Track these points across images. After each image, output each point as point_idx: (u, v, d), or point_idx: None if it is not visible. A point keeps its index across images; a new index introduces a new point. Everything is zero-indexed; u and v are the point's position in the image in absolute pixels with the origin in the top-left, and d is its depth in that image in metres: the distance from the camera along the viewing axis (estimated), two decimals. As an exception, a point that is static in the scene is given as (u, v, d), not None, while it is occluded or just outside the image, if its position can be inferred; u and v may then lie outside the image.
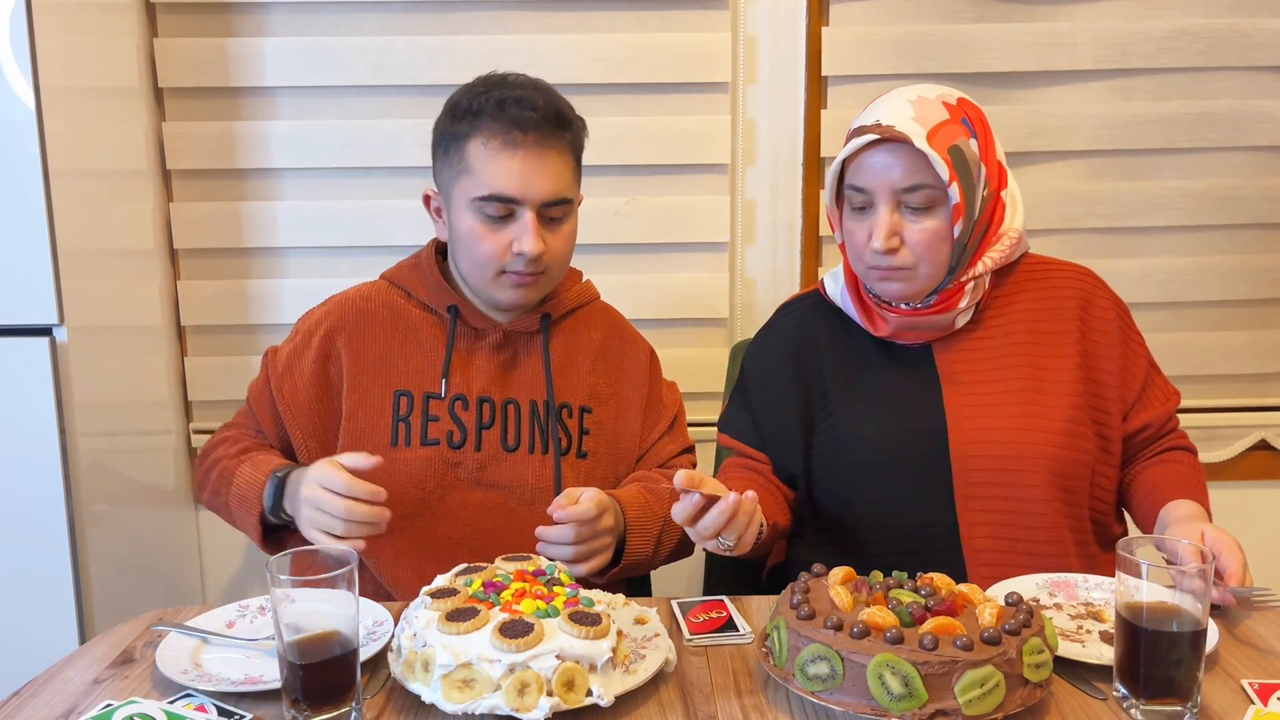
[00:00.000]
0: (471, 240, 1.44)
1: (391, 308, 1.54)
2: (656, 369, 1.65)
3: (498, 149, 1.41)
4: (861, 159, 1.39)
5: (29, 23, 1.61)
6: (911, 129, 1.36)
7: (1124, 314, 1.50)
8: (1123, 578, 1.03)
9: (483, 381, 1.51)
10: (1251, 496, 2.25)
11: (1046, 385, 1.42)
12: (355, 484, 1.29)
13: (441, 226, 1.52)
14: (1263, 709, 1.04)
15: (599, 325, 1.61)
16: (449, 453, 1.48)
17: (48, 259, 1.67)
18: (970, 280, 1.43)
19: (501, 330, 1.52)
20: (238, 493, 1.44)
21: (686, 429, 1.66)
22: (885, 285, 1.43)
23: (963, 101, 1.43)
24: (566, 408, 1.53)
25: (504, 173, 1.40)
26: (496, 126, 1.41)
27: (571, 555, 1.34)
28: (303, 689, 1.00)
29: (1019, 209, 1.47)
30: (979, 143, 1.40)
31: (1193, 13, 2.09)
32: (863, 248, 1.41)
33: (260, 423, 1.55)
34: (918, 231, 1.38)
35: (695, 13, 2.08)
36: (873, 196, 1.39)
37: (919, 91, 1.42)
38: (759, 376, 1.56)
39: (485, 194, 1.41)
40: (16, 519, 1.72)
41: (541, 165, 1.42)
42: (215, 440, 1.57)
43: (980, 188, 1.40)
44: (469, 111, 1.43)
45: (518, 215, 1.42)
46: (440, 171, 1.48)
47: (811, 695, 1.02)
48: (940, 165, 1.35)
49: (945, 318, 1.44)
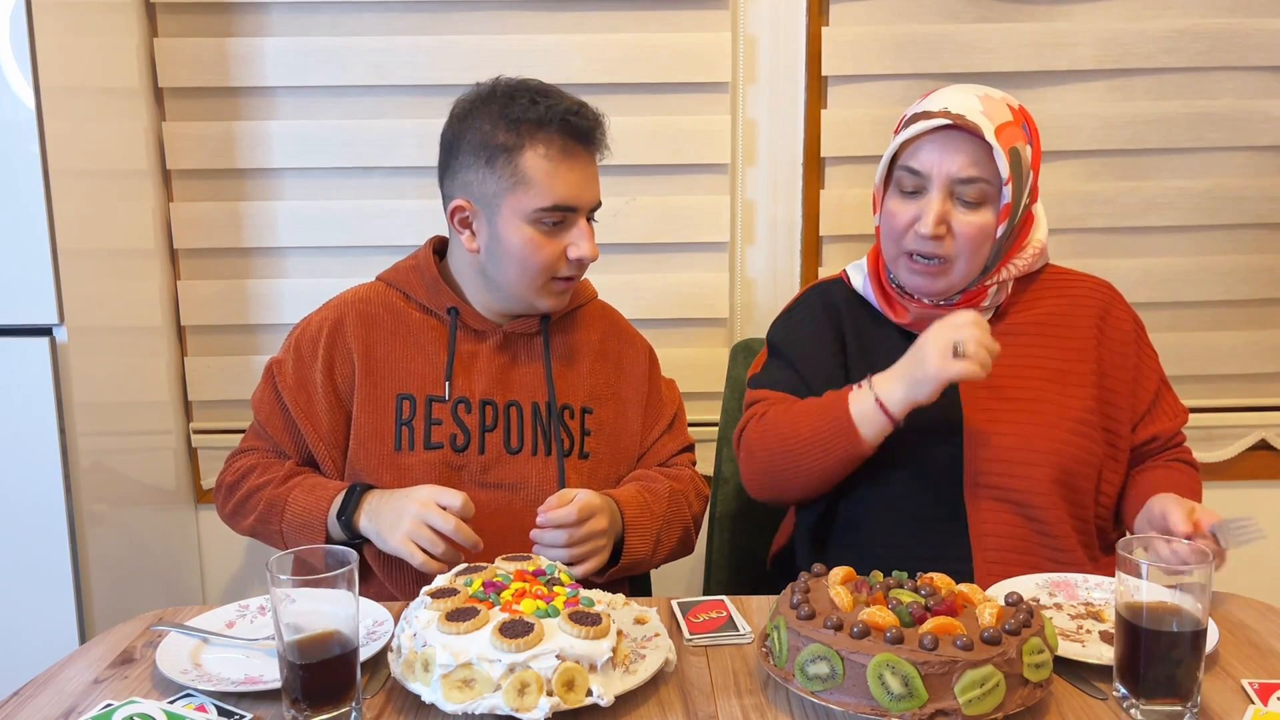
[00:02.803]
0: (528, 250, 1.45)
1: (391, 310, 1.53)
2: (656, 368, 1.65)
3: (559, 160, 1.43)
4: (921, 142, 1.40)
5: (29, 23, 1.61)
6: (982, 121, 1.37)
7: (1140, 329, 1.52)
8: (1123, 578, 1.03)
9: (485, 384, 1.51)
10: (1251, 496, 2.25)
11: (1061, 385, 1.44)
12: (469, 506, 1.35)
13: (470, 237, 1.49)
14: (1263, 709, 1.04)
15: (597, 325, 1.61)
16: (452, 455, 1.48)
17: (48, 259, 1.67)
18: (994, 284, 1.44)
19: (501, 332, 1.53)
20: (295, 520, 1.44)
21: (686, 427, 1.67)
22: (915, 279, 1.43)
23: (1023, 109, 1.45)
24: (568, 409, 1.54)
25: (565, 183, 1.43)
26: (556, 139, 1.43)
27: (566, 557, 1.36)
28: (303, 689, 1.00)
29: (1043, 223, 1.49)
30: (1033, 150, 1.42)
31: (1193, 13, 2.09)
32: (903, 230, 1.41)
33: (278, 443, 1.53)
34: (966, 224, 1.39)
35: (695, 13, 2.08)
36: (927, 181, 1.39)
37: (984, 90, 1.43)
38: (795, 339, 1.55)
39: (550, 204, 1.43)
40: (16, 519, 1.72)
41: (592, 172, 1.48)
42: (239, 469, 1.54)
43: (1025, 194, 1.42)
44: (519, 121, 1.42)
45: (571, 222, 1.46)
46: (475, 183, 1.45)
47: (811, 695, 1.03)
48: (1003, 162, 1.36)
49: None
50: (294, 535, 1.45)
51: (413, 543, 1.34)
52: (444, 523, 1.33)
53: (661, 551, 1.50)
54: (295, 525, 1.44)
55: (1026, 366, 1.44)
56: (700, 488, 1.60)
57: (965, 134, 1.37)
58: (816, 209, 2.15)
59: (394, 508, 1.37)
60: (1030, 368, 1.44)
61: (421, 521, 1.34)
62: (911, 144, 1.41)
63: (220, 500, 1.57)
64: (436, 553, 1.34)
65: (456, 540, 1.34)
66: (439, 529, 1.33)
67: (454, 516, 1.34)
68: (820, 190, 2.15)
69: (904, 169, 1.41)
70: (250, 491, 1.50)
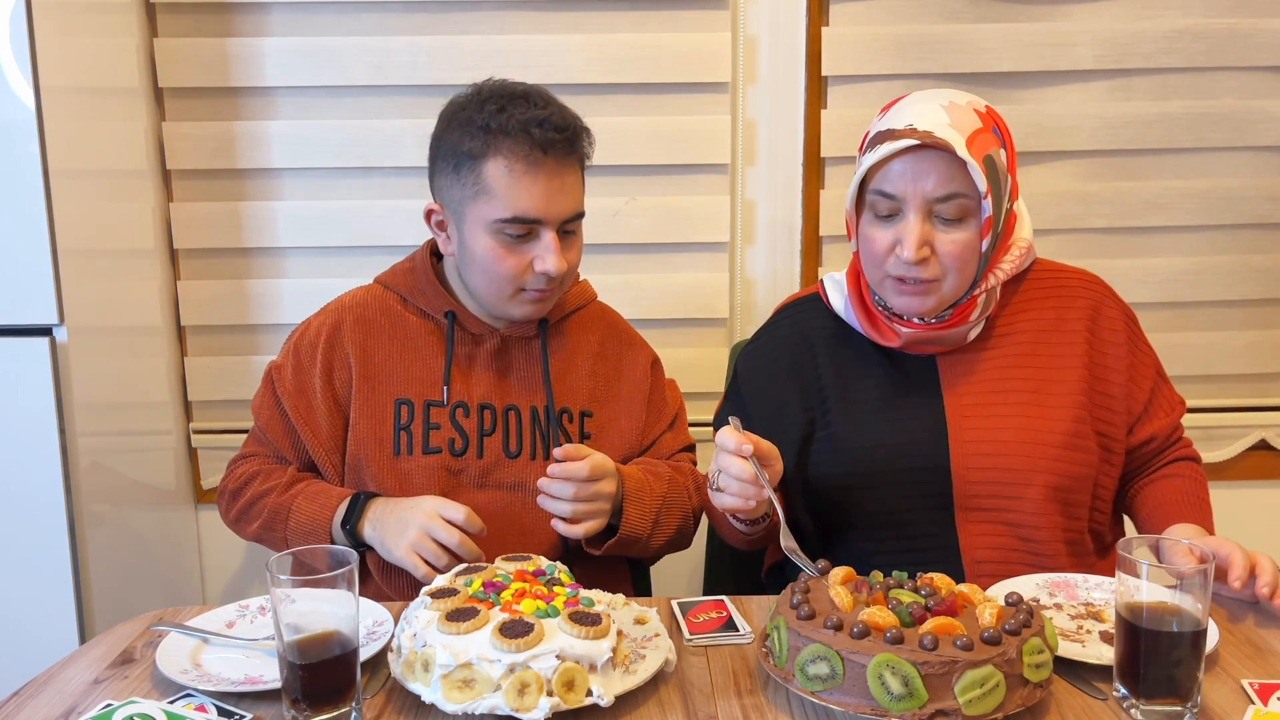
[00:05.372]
0: (489, 261, 1.42)
1: (389, 313, 1.53)
2: (659, 369, 1.65)
3: (521, 172, 1.38)
4: (891, 164, 1.32)
5: (29, 23, 1.61)
6: (951, 136, 1.29)
7: (1133, 324, 1.48)
8: (1123, 578, 1.03)
9: (483, 388, 1.50)
10: (1251, 496, 2.25)
11: (1050, 397, 1.40)
12: (473, 520, 1.34)
13: (445, 240, 1.49)
14: (1263, 709, 1.04)
15: (596, 327, 1.61)
16: (451, 460, 1.48)
17: (48, 259, 1.67)
18: (982, 293, 1.40)
19: (499, 336, 1.52)
20: (299, 528, 1.44)
21: (688, 427, 1.67)
22: (903, 300, 1.38)
23: (990, 110, 1.38)
24: (566, 413, 1.53)
25: (528, 195, 1.38)
26: (519, 148, 1.37)
27: (568, 511, 1.36)
28: (303, 689, 1.00)
29: (1027, 219, 1.44)
30: (1006, 154, 1.36)
31: (1193, 13, 2.09)
32: (883, 256, 1.35)
33: (279, 448, 1.53)
34: (949, 243, 1.32)
35: (695, 13, 2.08)
36: (902, 204, 1.32)
37: (949, 97, 1.35)
38: (754, 381, 1.53)
39: (509, 216, 1.39)
40: (17, 519, 1.72)
41: (563, 185, 1.41)
42: (241, 475, 1.54)
43: (1006, 200, 1.37)
44: (485, 129, 1.38)
45: (538, 234, 1.41)
46: (447, 188, 1.44)
47: (811, 695, 1.02)
48: (979, 176, 1.30)
49: (959, 331, 1.41)
50: (299, 542, 1.44)
51: (416, 554, 1.34)
52: (448, 536, 1.33)
53: (660, 536, 1.49)
54: (300, 533, 1.44)
55: (1016, 379, 1.41)
56: (700, 482, 1.59)
57: (936, 150, 1.29)
58: (816, 209, 2.15)
59: (399, 518, 1.37)
60: (1020, 379, 1.41)
61: (426, 534, 1.34)
62: (881, 166, 1.32)
63: (224, 506, 1.57)
64: (440, 565, 1.33)
65: (460, 554, 1.34)
66: (443, 542, 1.33)
67: (458, 530, 1.34)
68: (820, 190, 2.15)
69: (876, 193, 1.33)
70: (254, 499, 1.50)
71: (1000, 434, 1.39)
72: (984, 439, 1.39)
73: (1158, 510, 1.42)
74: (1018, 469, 1.37)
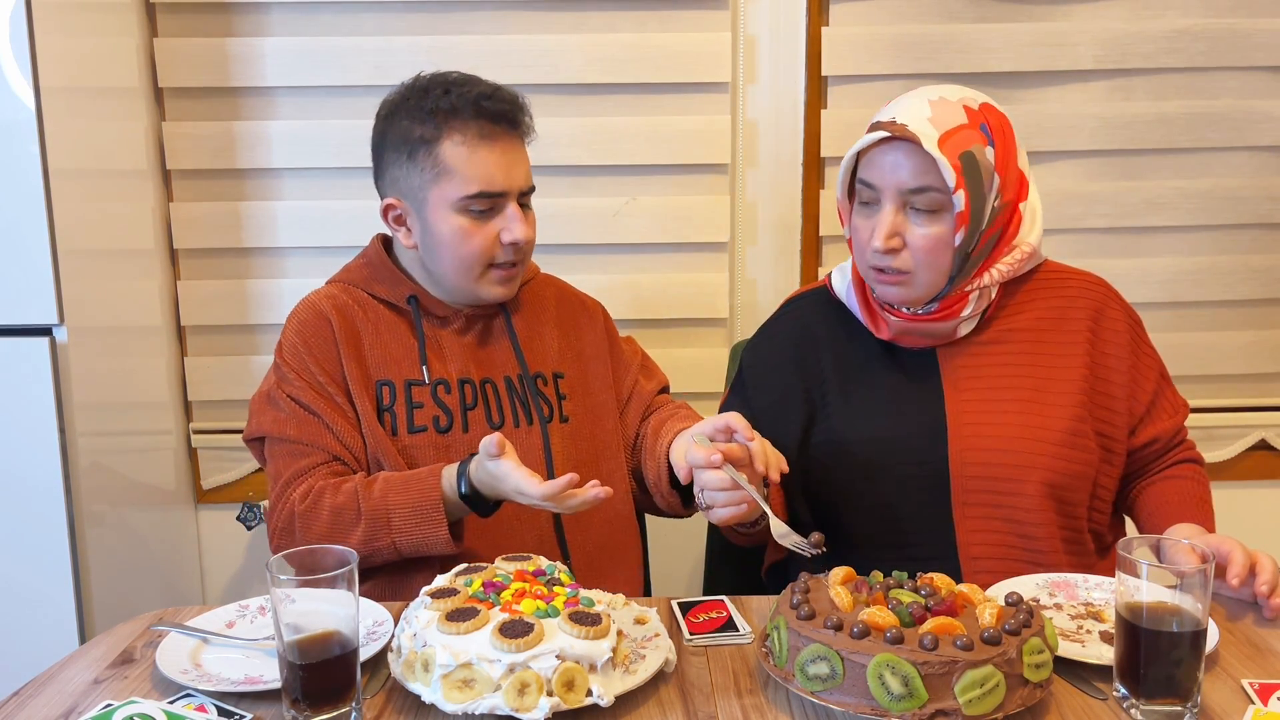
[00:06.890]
0: (458, 240, 1.45)
1: (360, 302, 1.53)
2: (610, 323, 1.68)
3: (475, 145, 1.43)
4: (873, 155, 1.38)
5: (29, 23, 1.61)
6: (924, 130, 1.34)
7: (1136, 326, 1.49)
8: (1123, 578, 1.03)
9: (459, 365, 1.52)
10: (1251, 496, 2.25)
11: (1050, 395, 1.41)
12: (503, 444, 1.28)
13: (405, 234, 1.51)
14: (1263, 709, 1.04)
15: (549, 294, 1.64)
16: (437, 437, 1.49)
17: (48, 259, 1.67)
18: (975, 290, 1.41)
19: (463, 315, 1.54)
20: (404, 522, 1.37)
21: (657, 367, 1.70)
22: (881, 289, 1.42)
23: (986, 107, 1.40)
24: (540, 377, 1.56)
25: (485, 167, 1.43)
26: (472, 125, 1.43)
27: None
28: (303, 689, 1.00)
29: (1037, 223, 1.45)
30: (996, 151, 1.37)
31: (1193, 13, 2.09)
32: (865, 245, 1.40)
33: (323, 445, 1.45)
34: (920, 236, 1.37)
35: (695, 13, 2.08)
36: (879, 194, 1.37)
37: (941, 92, 1.39)
38: (758, 374, 1.55)
39: (474, 191, 1.43)
40: (17, 519, 1.72)
41: (518, 155, 1.47)
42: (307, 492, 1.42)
43: (991, 197, 1.38)
44: (434, 112, 1.43)
45: (500, 207, 1.46)
46: (404, 178, 1.47)
47: (811, 695, 1.02)
48: (948, 170, 1.33)
49: (946, 325, 1.43)
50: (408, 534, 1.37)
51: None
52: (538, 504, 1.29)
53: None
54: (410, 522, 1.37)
55: (1015, 377, 1.42)
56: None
57: (909, 143, 1.34)
58: (816, 209, 2.15)
59: (493, 490, 1.34)
60: (1019, 378, 1.42)
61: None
62: (865, 155, 1.39)
63: (300, 530, 1.41)
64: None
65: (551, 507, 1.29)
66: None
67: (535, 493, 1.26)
68: (820, 190, 2.15)
69: (860, 182, 1.40)
70: (337, 511, 1.40)
71: (999, 430, 1.39)
72: (982, 435, 1.39)
73: (1159, 511, 1.42)
74: (1015, 465, 1.38)
